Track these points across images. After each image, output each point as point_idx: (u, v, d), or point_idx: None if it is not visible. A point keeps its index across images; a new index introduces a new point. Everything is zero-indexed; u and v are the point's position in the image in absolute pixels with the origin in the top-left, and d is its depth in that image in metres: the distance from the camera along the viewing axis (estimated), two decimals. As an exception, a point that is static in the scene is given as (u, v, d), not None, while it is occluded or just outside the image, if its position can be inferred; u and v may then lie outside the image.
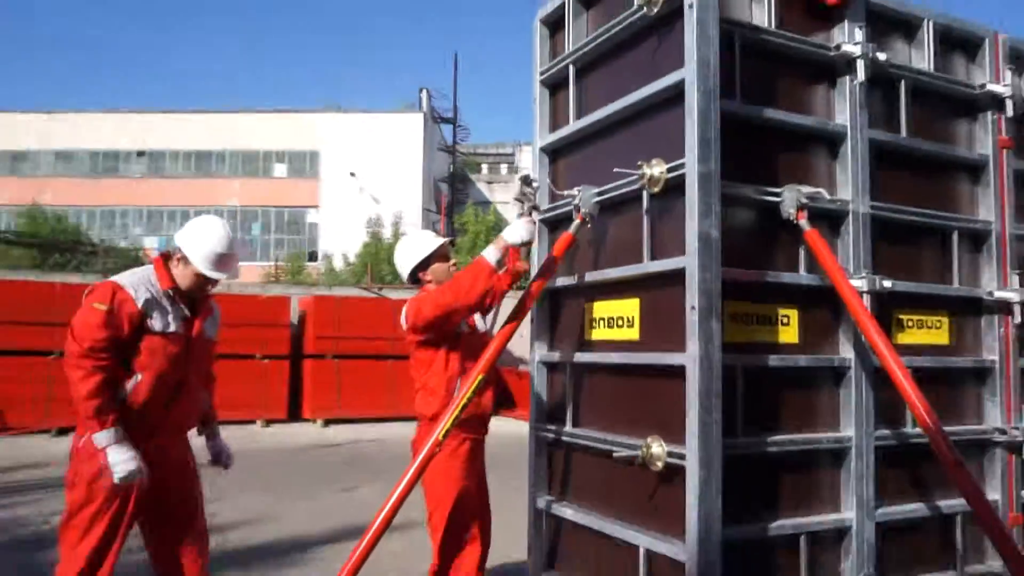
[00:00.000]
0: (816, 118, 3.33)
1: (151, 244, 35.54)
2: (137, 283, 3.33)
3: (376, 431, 14.71)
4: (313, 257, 37.71)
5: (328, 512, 7.66)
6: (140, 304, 3.27)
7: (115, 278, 3.35)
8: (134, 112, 40.60)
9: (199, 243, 3.41)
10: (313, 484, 9.32)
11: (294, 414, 15.75)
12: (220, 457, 3.82)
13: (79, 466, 3.26)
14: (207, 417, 3.80)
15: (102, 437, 3.14)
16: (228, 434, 3.87)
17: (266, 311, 15.40)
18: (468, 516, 3.88)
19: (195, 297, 3.52)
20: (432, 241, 4.08)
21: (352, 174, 38.79)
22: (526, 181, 3.76)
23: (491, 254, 3.62)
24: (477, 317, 4.06)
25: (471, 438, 3.89)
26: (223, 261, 3.44)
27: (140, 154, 40.09)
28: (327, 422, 15.40)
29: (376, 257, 29.44)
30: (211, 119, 39.99)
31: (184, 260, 3.42)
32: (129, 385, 3.26)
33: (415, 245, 4.08)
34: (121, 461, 3.13)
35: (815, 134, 3.34)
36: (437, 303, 3.63)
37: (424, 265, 4.03)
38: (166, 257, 3.51)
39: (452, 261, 4.17)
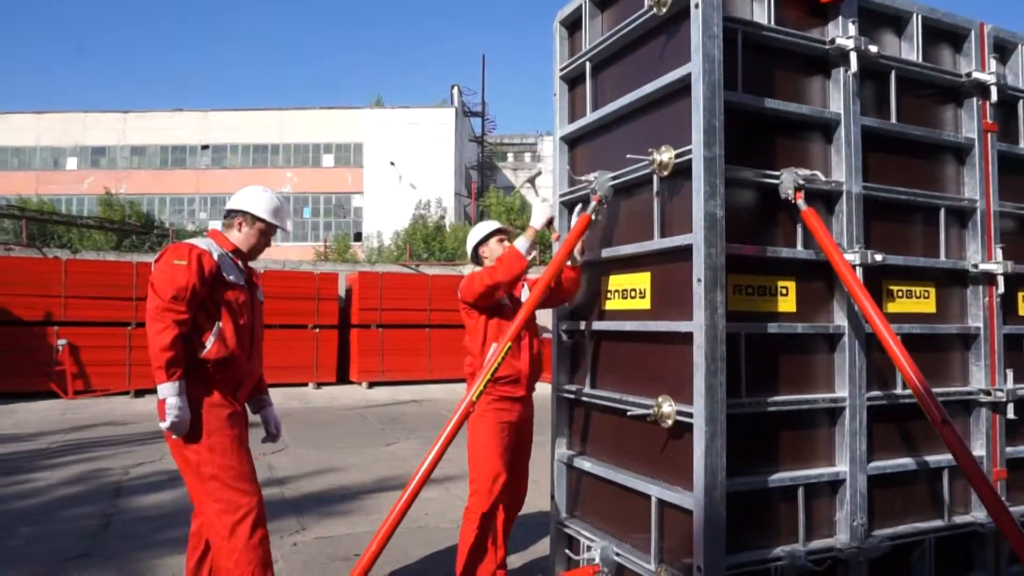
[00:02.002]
0: (812, 107, 3.26)
1: (214, 227, 35.87)
2: (207, 243, 3.34)
3: (414, 392, 14.85)
4: (358, 238, 37.83)
5: (372, 464, 7.72)
6: (216, 257, 3.26)
7: (185, 241, 3.32)
8: (199, 111, 40.84)
9: (259, 202, 3.46)
10: (359, 439, 9.42)
11: (342, 377, 15.94)
12: (271, 427, 3.73)
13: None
14: (259, 388, 3.70)
15: (166, 388, 3.04)
16: (285, 394, 3.91)
17: (317, 286, 15.52)
18: (501, 467, 3.86)
19: (246, 262, 3.53)
20: (490, 224, 4.30)
21: (392, 163, 38.86)
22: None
23: (521, 243, 3.74)
24: (525, 289, 4.19)
25: (506, 395, 3.87)
26: (281, 213, 3.50)
27: (204, 148, 40.32)
28: (371, 384, 15.58)
29: (414, 237, 29.49)
30: (267, 115, 40.12)
31: (248, 221, 3.44)
32: (213, 336, 3.19)
33: (478, 228, 4.30)
34: (177, 408, 3.05)
35: (811, 121, 3.27)
36: (482, 281, 3.77)
37: (483, 242, 4.19)
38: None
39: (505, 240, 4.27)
